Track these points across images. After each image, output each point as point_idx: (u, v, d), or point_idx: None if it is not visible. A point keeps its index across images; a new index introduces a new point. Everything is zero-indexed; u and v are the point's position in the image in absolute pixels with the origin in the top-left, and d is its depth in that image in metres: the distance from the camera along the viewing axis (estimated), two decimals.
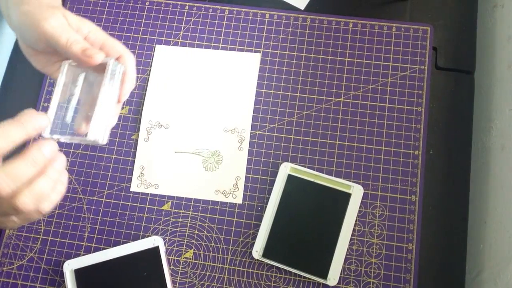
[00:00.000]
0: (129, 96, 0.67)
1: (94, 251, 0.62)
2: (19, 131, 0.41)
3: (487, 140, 0.68)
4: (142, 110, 0.67)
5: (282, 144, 0.65)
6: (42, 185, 0.42)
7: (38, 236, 0.64)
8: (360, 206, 0.62)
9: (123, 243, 0.62)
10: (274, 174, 0.63)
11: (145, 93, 0.68)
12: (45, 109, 0.52)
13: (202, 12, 0.71)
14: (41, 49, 0.50)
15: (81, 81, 0.51)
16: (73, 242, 0.63)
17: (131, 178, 0.65)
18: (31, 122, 0.42)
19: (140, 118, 0.67)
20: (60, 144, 0.54)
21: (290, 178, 0.62)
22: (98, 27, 0.52)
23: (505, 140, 0.63)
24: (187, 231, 0.63)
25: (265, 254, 0.60)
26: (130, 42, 0.70)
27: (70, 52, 0.47)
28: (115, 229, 0.63)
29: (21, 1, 0.51)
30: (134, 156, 0.66)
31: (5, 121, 0.41)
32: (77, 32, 0.49)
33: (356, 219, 0.61)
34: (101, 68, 0.49)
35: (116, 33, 0.71)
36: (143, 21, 0.71)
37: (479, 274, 0.62)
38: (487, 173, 0.66)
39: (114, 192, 0.65)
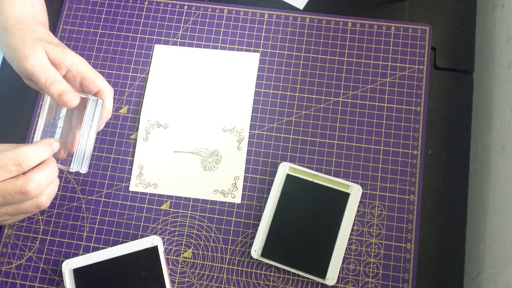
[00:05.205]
0: (128, 95, 0.68)
1: (92, 251, 0.62)
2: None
3: (487, 140, 0.67)
4: (141, 109, 0.68)
5: (281, 143, 0.65)
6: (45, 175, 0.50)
7: (37, 236, 0.64)
8: (359, 206, 0.62)
9: (122, 242, 0.62)
10: (273, 174, 0.63)
11: (144, 93, 0.68)
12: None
13: (201, 12, 0.71)
14: (27, 79, 0.54)
15: (63, 113, 0.57)
16: (72, 241, 0.63)
17: (130, 177, 0.65)
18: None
19: (139, 118, 0.67)
20: None
21: (289, 177, 0.62)
22: (81, 58, 0.54)
23: (505, 140, 0.63)
24: (185, 230, 0.63)
25: (263, 254, 0.60)
26: (129, 42, 0.71)
27: (48, 93, 0.50)
28: (113, 229, 0.63)
29: (7, 30, 0.53)
30: (133, 156, 0.66)
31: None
32: (60, 64, 0.52)
33: (354, 219, 0.61)
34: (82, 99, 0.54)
35: (115, 32, 0.71)
36: (142, 20, 0.72)
37: (479, 274, 0.62)
38: (487, 173, 0.66)
39: (113, 192, 0.65)
